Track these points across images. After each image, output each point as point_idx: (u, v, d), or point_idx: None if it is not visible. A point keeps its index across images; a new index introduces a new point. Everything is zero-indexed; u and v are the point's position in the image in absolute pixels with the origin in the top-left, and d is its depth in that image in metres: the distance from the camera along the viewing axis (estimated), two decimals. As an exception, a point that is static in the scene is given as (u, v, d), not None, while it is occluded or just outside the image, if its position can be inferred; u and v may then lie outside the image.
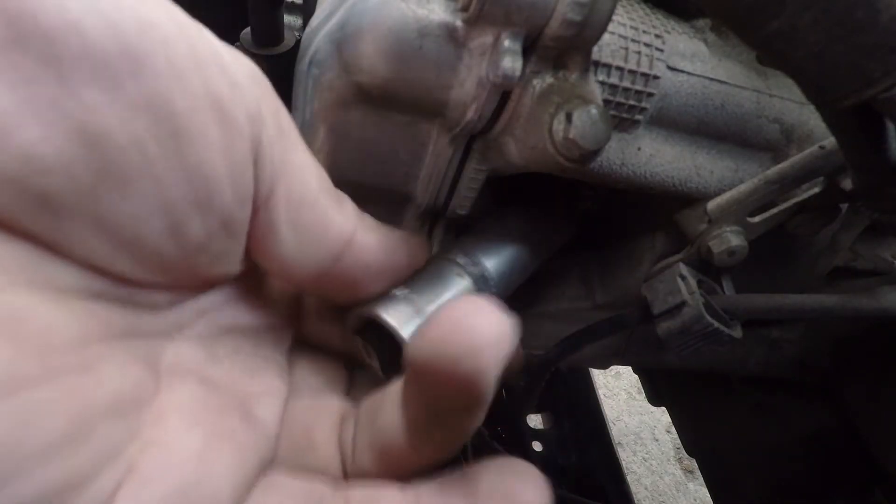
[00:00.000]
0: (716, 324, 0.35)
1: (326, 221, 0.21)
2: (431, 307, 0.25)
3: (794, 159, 0.33)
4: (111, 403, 0.16)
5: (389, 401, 0.20)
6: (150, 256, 0.17)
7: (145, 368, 0.18)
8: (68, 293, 0.16)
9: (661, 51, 0.31)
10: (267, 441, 0.20)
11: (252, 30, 0.51)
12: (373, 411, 0.21)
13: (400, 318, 0.23)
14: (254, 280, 0.23)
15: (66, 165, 0.14)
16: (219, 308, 0.21)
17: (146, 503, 0.15)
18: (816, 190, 0.34)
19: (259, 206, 0.19)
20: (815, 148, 0.33)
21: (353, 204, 0.23)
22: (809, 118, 0.36)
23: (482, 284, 0.28)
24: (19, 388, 0.14)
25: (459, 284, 0.27)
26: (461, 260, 0.28)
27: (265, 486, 0.19)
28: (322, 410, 0.23)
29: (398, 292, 0.25)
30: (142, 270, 0.17)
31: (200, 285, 0.20)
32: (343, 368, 0.26)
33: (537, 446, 0.88)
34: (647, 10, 0.33)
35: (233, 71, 0.17)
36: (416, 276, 0.26)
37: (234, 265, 0.20)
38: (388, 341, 0.23)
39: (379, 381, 0.25)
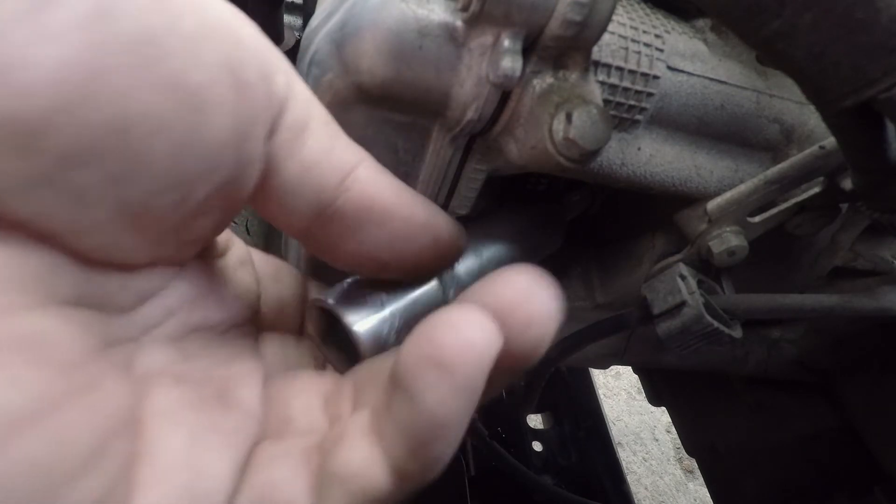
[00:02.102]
0: (716, 324, 0.35)
1: (329, 148, 0.20)
2: (393, 304, 0.24)
3: (794, 159, 0.33)
4: (118, 419, 0.16)
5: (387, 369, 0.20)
6: (154, 227, 0.17)
7: (127, 377, 0.18)
8: (68, 304, 0.16)
9: (661, 51, 0.31)
10: (253, 420, 0.20)
11: (252, 30, 0.51)
12: (371, 380, 0.21)
13: (357, 313, 0.23)
14: (218, 276, 0.22)
15: (101, 157, 0.14)
16: (186, 307, 0.20)
17: None
18: (816, 190, 0.34)
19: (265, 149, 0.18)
20: (815, 148, 0.33)
21: (359, 146, 0.22)
22: (809, 118, 0.36)
23: (450, 287, 0.27)
24: (52, 409, 0.14)
25: (426, 283, 0.26)
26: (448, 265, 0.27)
27: (258, 459, 0.19)
28: (298, 383, 0.23)
29: (358, 288, 0.24)
30: (139, 244, 0.17)
31: (181, 255, 0.20)
32: (308, 348, 0.26)
33: (537, 446, 0.88)
34: (647, 10, 0.34)
35: (239, 31, 0.17)
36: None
37: (223, 228, 0.20)
38: (344, 334, 0.23)
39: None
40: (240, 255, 0.24)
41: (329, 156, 0.20)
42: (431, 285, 0.26)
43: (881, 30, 0.20)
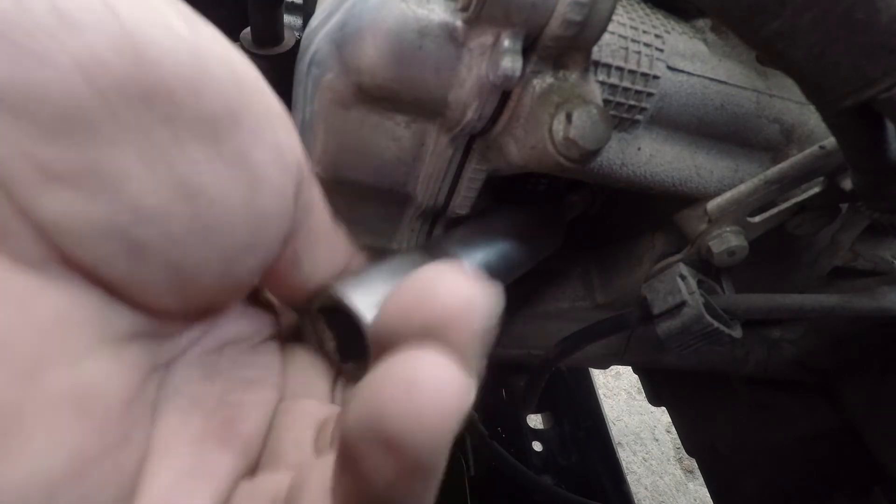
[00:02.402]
0: (716, 324, 0.35)
1: (336, 251, 0.23)
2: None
3: (794, 159, 0.33)
4: (139, 471, 0.16)
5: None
6: (199, 294, 0.18)
7: (151, 414, 0.18)
8: (120, 342, 0.16)
9: (661, 51, 0.31)
10: (246, 457, 0.20)
11: (252, 30, 0.51)
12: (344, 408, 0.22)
13: (364, 301, 0.23)
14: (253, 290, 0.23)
15: (165, 217, 0.15)
16: (221, 322, 0.21)
17: None
18: (816, 190, 0.34)
19: (288, 241, 0.20)
20: (815, 148, 0.33)
21: (345, 234, 0.24)
22: (809, 118, 0.36)
23: None
24: (86, 469, 0.14)
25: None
26: (438, 256, 0.28)
27: (235, 499, 0.19)
28: (294, 413, 0.22)
29: (364, 275, 0.24)
30: (179, 304, 0.18)
31: (215, 310, 0.21)
32: (330, 368, 0.26)
33: (537, 446, 0.88)
34: (647, 10, 0.34)
35: (287, 121, 0.18)
36: (388, 265, 0.25)
37: (248, 290, 0.21)
38: (346, 324, 0.23)
39: (358, 374, 0.25)
40: None
41: (336, 257, 0.23)
42: None
43: (881, 30, 0.20)
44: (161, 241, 0.15)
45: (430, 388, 0.12)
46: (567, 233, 0.42)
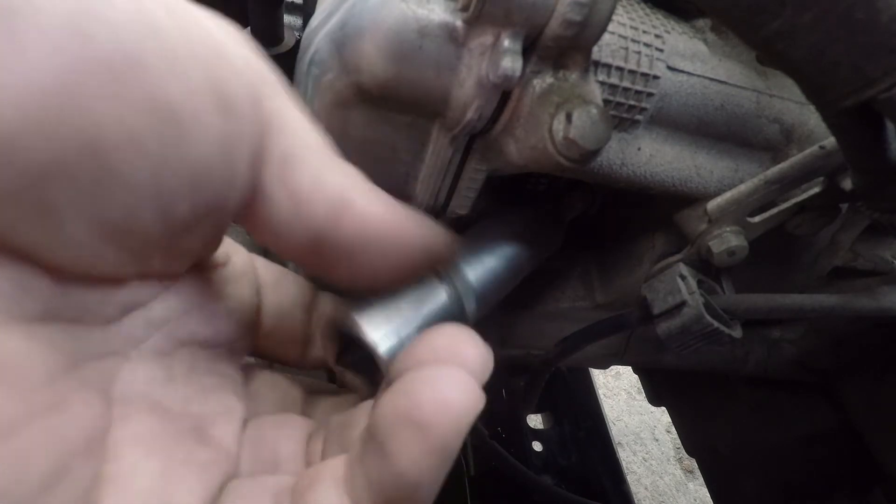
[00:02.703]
0: (716, 324, 0.35)
1: (320, 179, 0.20)
2: (416, 321, 0.24)
3: (794, 159, 0.33)
4: (82, 442, 0.16)
5: (360, 418, 0.20)
6: (136, 242, 0.16)
7: (101, 398, 0.17)
8: (35, 320, 0.15)
9: (661, 51, 0.31)
10: (227, 458, 0.20)
11: (252, 30, 0.51)
12: (343, 427, 0.21)
13: (378, 334, 0.22)
14: (211, 290, 0.22)
15: (66, 170, 0.14)
16: (175, 319, 0.20)
17: None
18: (816, 190, 0.34)
19: (253, 174, 0.18)
20: (815, 148, 0.33)
21: (354, 169, 0.21)
22: (809, 118, 0.36)
23: (464, 296, 0.27)
24: (11, 431, 0.14)
25: (440, 297, 0.26)
26: (442, 270, 0.27)
27: (229, 495, 0.19)
28: (286, 427, 0.22)
29: (376, 302, 0.24)
30: (122, 258, 0.17)
31: (171, 268, 0.20)
32: (297, 384, 0.26)
33: (537, 446, 0.88)
34: (647, 10, 0.34)
35: (227, 52, 0.17)
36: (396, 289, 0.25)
37: (214, 244, 0.20)
38: (363, 352, 0.23)
39: (342, 399, 0.25)
40: (241, 265, 0.24)
41: (320, 185, 0.19)
42: (449, 296, 0.26)
43: (881, 30, 0.20)
44: (75, 197, 0.14)
45: (455, 385, 0.16)
46: (567, 233, 0.42)
